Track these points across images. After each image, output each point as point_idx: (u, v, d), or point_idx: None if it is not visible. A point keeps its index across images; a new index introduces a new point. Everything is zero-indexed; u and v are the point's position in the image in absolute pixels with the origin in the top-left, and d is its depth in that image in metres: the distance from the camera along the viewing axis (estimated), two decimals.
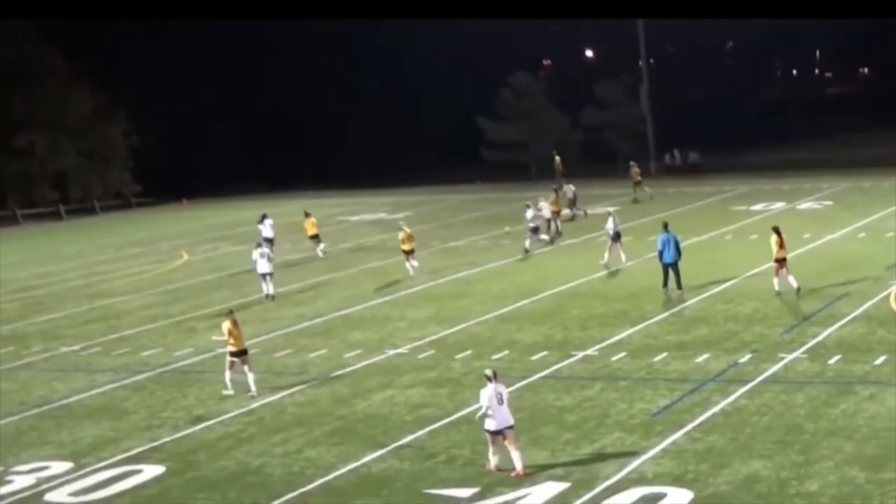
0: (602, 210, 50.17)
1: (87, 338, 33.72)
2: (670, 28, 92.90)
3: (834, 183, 61.15)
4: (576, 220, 52.44)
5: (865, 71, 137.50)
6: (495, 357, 26.87)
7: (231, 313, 25.85)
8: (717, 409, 21.40)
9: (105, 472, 20.60)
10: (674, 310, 30.93)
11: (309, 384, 25.77)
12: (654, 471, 18.34)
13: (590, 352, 26.78)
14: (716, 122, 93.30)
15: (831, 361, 24.24)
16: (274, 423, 22.93)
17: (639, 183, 60.64)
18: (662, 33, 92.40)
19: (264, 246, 39.30)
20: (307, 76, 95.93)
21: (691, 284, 33.57)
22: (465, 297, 35.16)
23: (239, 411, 23.90)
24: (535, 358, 26.53)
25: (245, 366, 25.27)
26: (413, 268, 39.69)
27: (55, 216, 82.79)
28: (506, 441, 18.65)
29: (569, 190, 54.92)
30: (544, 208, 47.38)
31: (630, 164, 62.74)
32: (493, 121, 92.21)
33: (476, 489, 18.12)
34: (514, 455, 18.60)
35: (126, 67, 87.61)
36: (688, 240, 42.65)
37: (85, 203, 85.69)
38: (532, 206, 44.49)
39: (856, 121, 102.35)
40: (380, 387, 25.02)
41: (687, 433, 20.09)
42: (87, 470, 20.84)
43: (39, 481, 20.42)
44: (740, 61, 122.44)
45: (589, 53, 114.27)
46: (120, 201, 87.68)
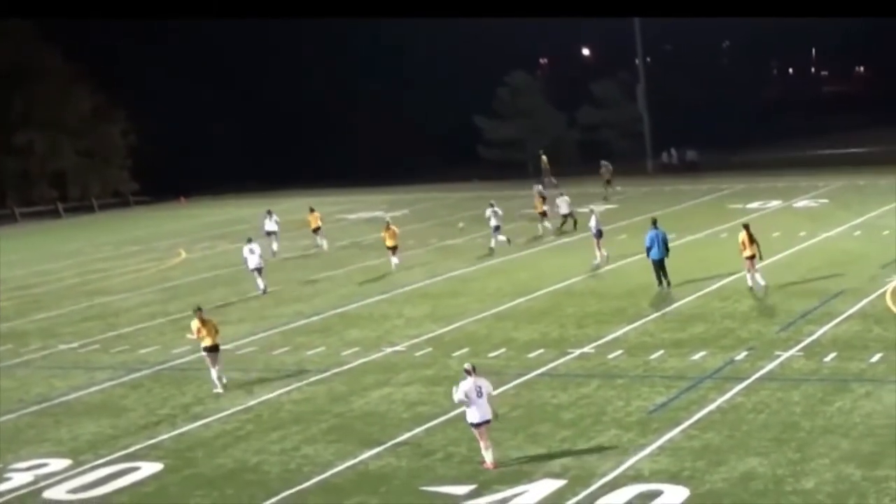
0: (586, 208, 50.37)
1: (85, 335, 33.79)
2: (667, 27, 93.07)
3: (830, 181, 61.21)
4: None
5: (861, 70, 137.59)
6: (492, 355, 26.91)
7: (199, 311, 25.93)
8: (713, 406, 21.44)
9: (103, 470, 20.64)
10: (670, 307, 30.96)
11: (306, 382, 25.83)
12: (651, 468, 18.38)
13: (586, 349, 26.82)
14: (712, 121, 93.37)
15: (827, 359, 24.29)
16: (271, 420, 22.98)
17: (609, 182, 62.01)
18: (659, 32, 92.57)
19: (255, 242, 39.46)
20: (305, 75, 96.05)
21: (688, 282, 33.68)
22: (462, 295, 35.21)
23: (236, 409, 23.95)
24: (531, 355, 26.58)
25: (214, 364, 25.50)
26: (394, 264, 40.84)
27: (54, 215, 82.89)
28: (479, 433, 18.91)
29: (536, 190, 55.75)
30: (562, 205, 48.54)
31: (601, 164, 63.81)
32: (491, 119, 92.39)
33: (473, 486, 18.17)
34: (484, 448, 18.91)
35: (125, 67, 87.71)
36: (684, 238, 42.84)
37: (83, 201, 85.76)
38: (495, 205, 45.07)
39: (852, 119, 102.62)
40: (377, 384, 25.06)
41: (683, 430, 20.13)
42: (85, 467, 20.88)
43: (38, 478, 20.46)
44: (737, 60, 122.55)
45: (586, 52, 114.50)
46: (118, 200, 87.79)
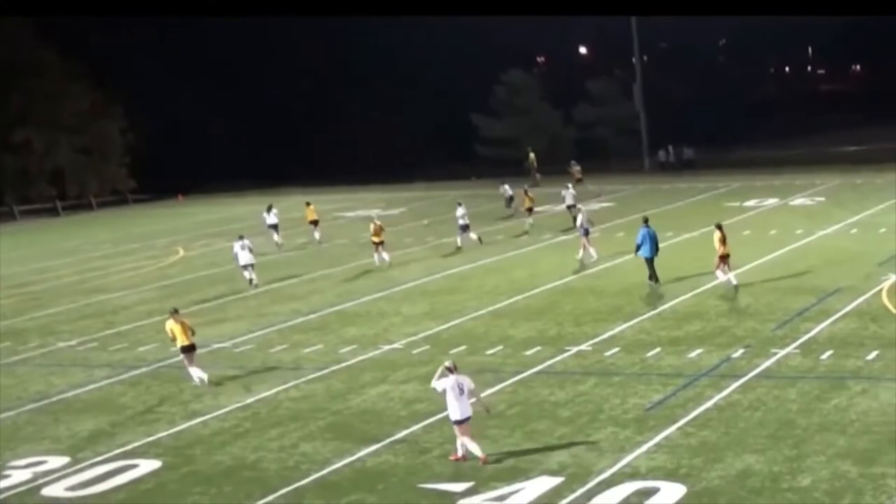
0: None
1: (83, 333, 33.81)
2: (663, 25, 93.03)
3: (826, 179, 61.33)
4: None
5: (858, 68, 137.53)
6: (489, 352, 26.99)
7: (175, 312, 25.97)
8: (710, 403, 21.52)
9: (102, 467, 20.66)
10: (667, 305, 31.03)
11: (304, 379, 25.88)
12: (648, 465, 18.46)
13: (583, 347, 26.88)
14: (709, 119, 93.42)
15: (824, 356, 24.37)
16: (269, 417, 23.02)
17: (580, 181, 63.30)
18: (655, 31, 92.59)
19: (246, 238, 39.74)
20: (303, 74, 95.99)
21: (685, 280, 33.76)
22: (460, 293, 35.27)
23: (234, 406, 23.99)
24: (528, 353, 26.64)
25: (192, 363, 25.63)
26: (381, 260, 41.31)
27: (52, 212, 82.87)
28: (461, 430, 19.01)
29: (504, 190, 56.62)
30: (567, 196, 50.52)
31: (571, 163, 64.71)
32: (488, 117, 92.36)
33: (470, 483, 18.22)
34: (460, 443, 19.07)
35: (123, 64, 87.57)
36: (681, 235, 42.91)
37: (81, 199, 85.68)
38: (463, 205, 45.48)
39: (848, 117, 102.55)
40: (374, 382, 25.11)
41: (680, 428, 20.21)
42: (83, 464, 20.90)
43: (36, 476, 20.48)
44: (733, 58, 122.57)
45: (583, 50, 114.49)
46: (116, 197, 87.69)
